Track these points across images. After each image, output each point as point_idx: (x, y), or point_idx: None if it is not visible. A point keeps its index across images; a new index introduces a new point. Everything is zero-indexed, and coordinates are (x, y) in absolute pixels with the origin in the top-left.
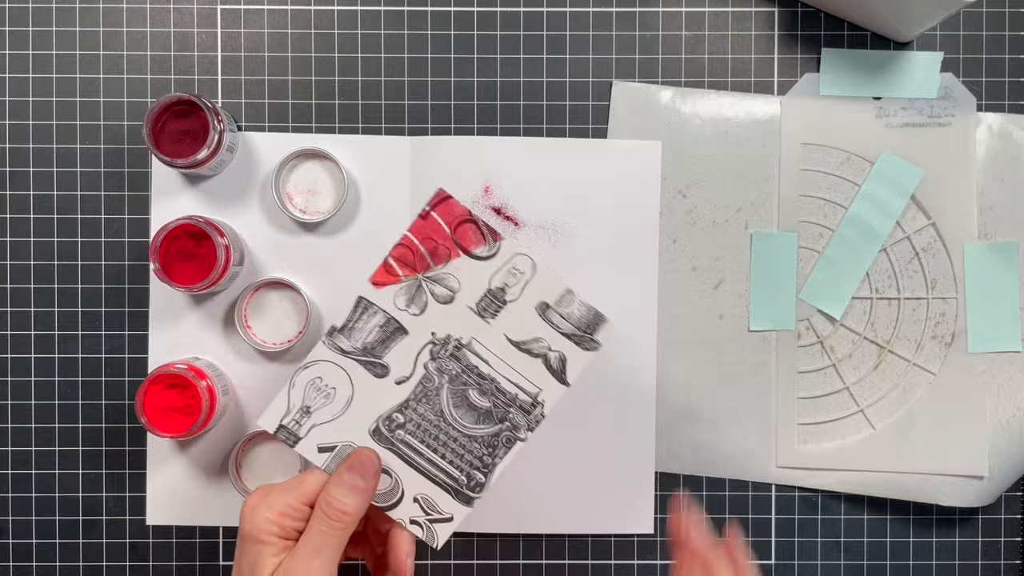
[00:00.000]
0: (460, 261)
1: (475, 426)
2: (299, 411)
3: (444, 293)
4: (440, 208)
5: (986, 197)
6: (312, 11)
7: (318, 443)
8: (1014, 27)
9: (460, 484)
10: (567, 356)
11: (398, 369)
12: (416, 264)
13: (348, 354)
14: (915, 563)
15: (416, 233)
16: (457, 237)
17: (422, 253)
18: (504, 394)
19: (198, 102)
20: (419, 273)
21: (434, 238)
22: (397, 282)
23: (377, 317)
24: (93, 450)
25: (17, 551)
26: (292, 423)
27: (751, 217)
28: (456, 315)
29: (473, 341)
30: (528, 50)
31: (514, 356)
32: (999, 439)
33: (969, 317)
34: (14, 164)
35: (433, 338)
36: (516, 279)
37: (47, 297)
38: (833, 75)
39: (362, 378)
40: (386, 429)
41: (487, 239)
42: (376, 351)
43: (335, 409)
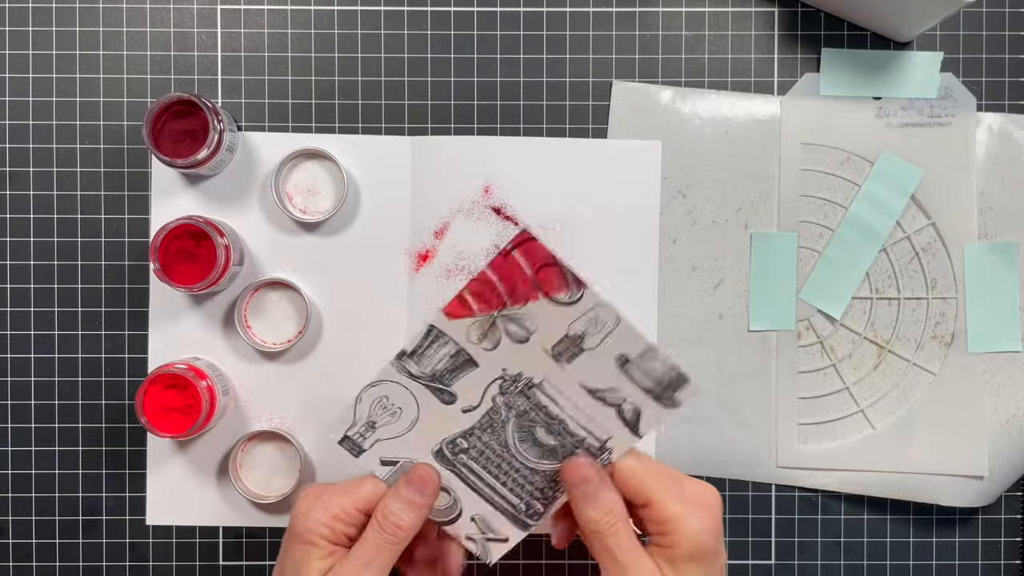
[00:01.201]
0: (540, 304)
1: (539, 461)
2: (364, 425)
3: (519, 332)
4: (522, 249)
5: (986, 197)
6: (312, 11)
7: (381, 456)
8: (1014, 27)
9: (518, 511)
10: (643, 410)
11: (465, 398)
12: (493, 301)
13: (416, 378)
14: (915, 563)
15: (496, 271)
16: (539, 280)
17: (500, 291)
18: (572, 435)
19: (198, 102)
20: (495, 310)
21: (514, 278)
22: (471, 316)
23: (448, 347)
24: (93, 450)
25: (17, 551)
26: (357, 435)
27: (751, 217)
28: (530, 355)
29: (545, 382)
30: (528, 50)
31: (586, 401)
32: (999, 439)
33: (969, 317)
34: (14, 164)
35: (504, 374)
36: (597, 328)
37: (47, 297)
38: (833, 75)
39: (428, 402)
40: (449, 452)
41: (570, 286)
42: (444, 379)
43: (399, 428)
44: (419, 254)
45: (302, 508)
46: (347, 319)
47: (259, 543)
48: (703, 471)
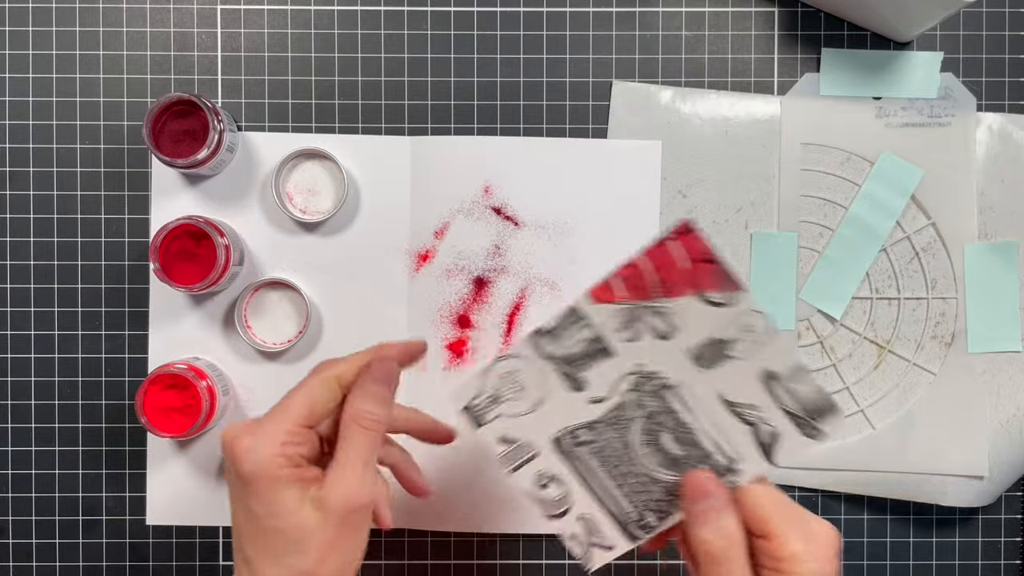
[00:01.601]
0: (689, 300)
1: (659, 470)
2: (488, 398)
3: (663, 328)
4: (683, 239)
5: (986, 197)
6: (312, 11)
7: (501, 434)
8: (1014, 27)
9: (629, 519)
10: (781, 435)
11: (595, 388)
12: (641, 290)
13: (549, 358)
14: (915, 563)
15: (651, 258)
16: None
17: (651, 280)
18: (699, 448)
19: (198, 102)
20: (642, 300)
21: (669, 268)
22: (616, 302)
23: (586, 332)
24: (93, 450)
25: (17, 551)
26: (479, 407)
27: (751, 217)
28: (669, 354)
29: (682, 385)
30: (528, 50)
31: (722, 415)
32: (999, 439)
33: (969, 317)
34: (14, 164)
35: (639, 369)
36: (747, 337)
37: (47, 297)
38: (833, 75)
39: (557, 385)
40: (569, 442)
41: (726, 285)
42: (577, 364)
43: (522, 407)
44: (419, 254)
45: (243, 447)
46: (347, 319)
47: None
48: None
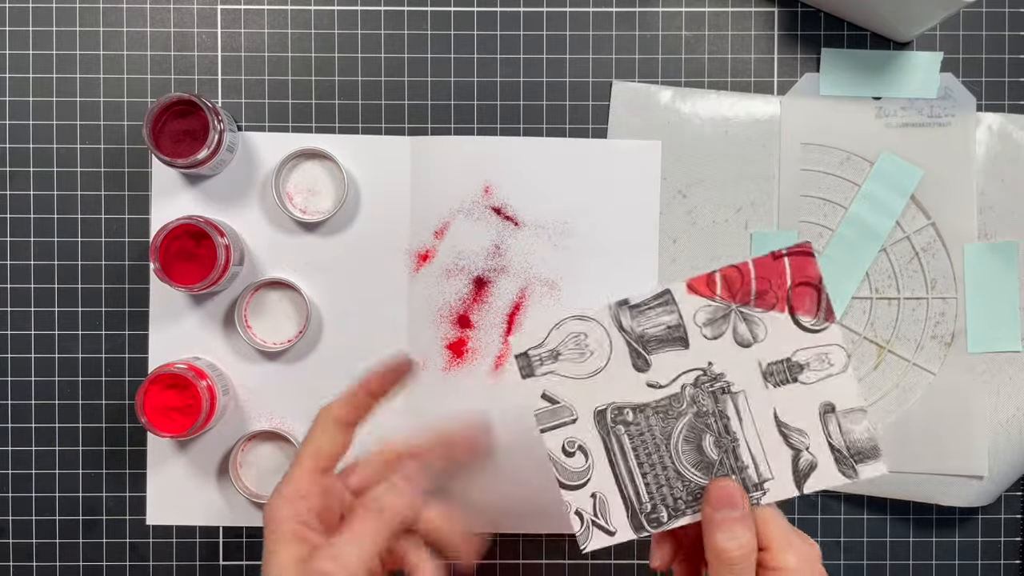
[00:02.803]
0: (780, 316)
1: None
2: (550, 351)
3: (745, 335)
4: (795, 258)
5: (986, 197)
6: (312, 11)
7: (546, 389)
8: (1014, 27)
9: (642, 510)
10: (818, 466)
11: (658, 374)
12: (738, 294)
13: (624, 332)
14: (915, 563)
15: (757, 267)
16: (793, 294)
17: (750, 287)
18: (737, 458)
19: (198, 102)
20: (736, 303)
21: (771, 281)
22: (710, 297)
23: (671, 317)
24: (93, 450)
25: (17, 551)
26: (537, 358)
27: (751, 217)
28: (742, 361)
29: (742, 394)
30: (528, 50)
31: (770, 432)
32: (999, 439)
33: (969, 317)
34: (14, 164)
35: (707, 367)
36: (821, 367)
37: (47, 297)
38: (833, 75)
39: (621, 359)
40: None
41: (820, 313)
42: (649, 346)
43: (580, 371)
44: (419, 254)
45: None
46: (347, 319)
47: (259, 543)
48: None
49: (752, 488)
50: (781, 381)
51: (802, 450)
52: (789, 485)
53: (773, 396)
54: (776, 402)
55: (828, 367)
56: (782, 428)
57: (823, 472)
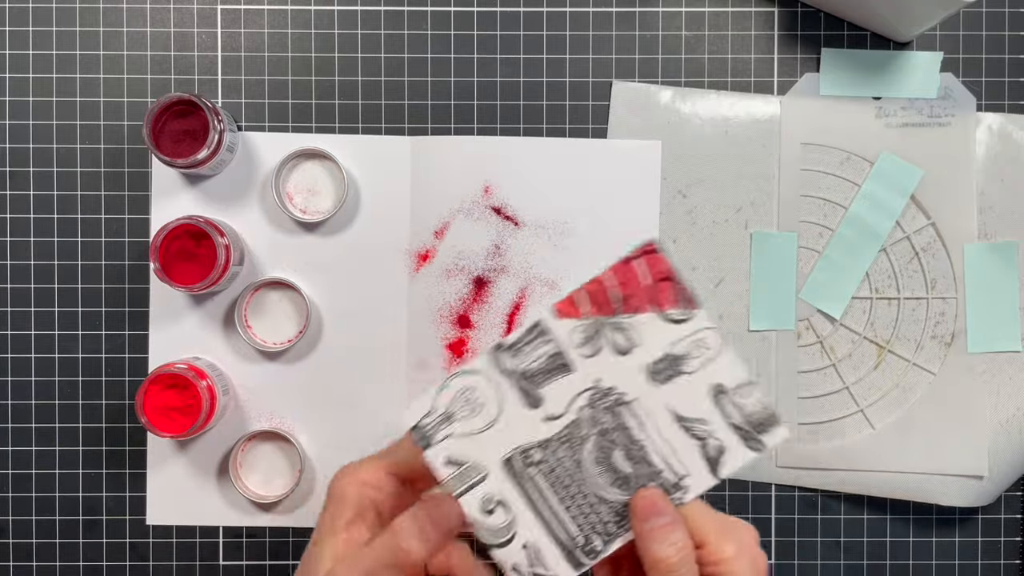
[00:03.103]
0: (649, 317)
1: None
2: (441, 416)
3: (623, 344)
4: (647, 258)
5: (986, 197)
6: (312, 11)
7: (448, 455)
8: (1014, 27)
9: (575, 544)
10: (727, 448)
11: (551, 405)
12: (604, 306)
13: (507, 374)
14: (915, 563)
15: (616, 275)
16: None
17: (614, 297)
18: (650, 465)
19: (198, 102)
20: (604, 316)
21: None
22: (579, 317)
23: (548, 347)
24: (93, 450)
25: (17, 551)
26: (430, 426)
27: (751, 217)
28: (627, 370)
29: (636, 401)
30: (528, 50)
31: (672, 430)
32: (999, 439)
33: (969, 317)
34: (14, 164)
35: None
36: (700, 353)
37: (47, 297)
38: (833, 75)
39: (513, 403)
40: (520, 462)
41: (683, 303)
42: (536, 380)
43: (476, 425)
44: (419, 254)
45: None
46: (347, 319)
47: (259, 543)
48: None
49: (672, 489)
50: (668, 377)
51: (707, 438)
52: (705, 475)
53: (665, 394)
54: (669, 399)
55: (706, 351)
56: (682, 422)
57: (732, 453)
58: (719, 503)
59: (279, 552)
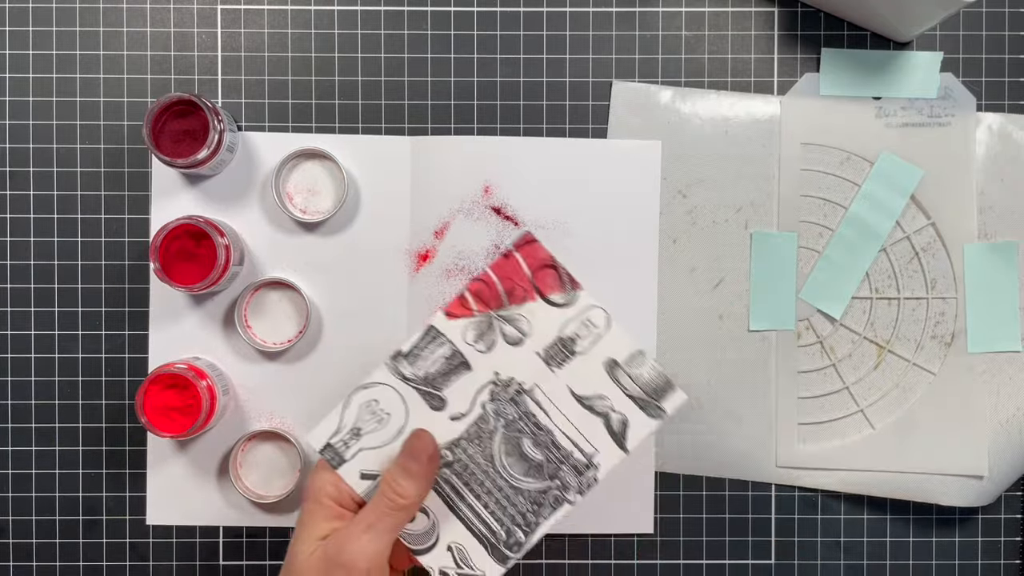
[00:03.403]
0: (535, 305)
1: (524, 478)
2: (349, 432)
3: (514, 334)
4: (524, 250)
5: (986, 197)
6: (312, 11)
7: (362, 469)
8: (1014, 27)
9: (498, 539)
10: (629, 420)
11: (455, 404)
12: (491, 301)
13: (408, 381)
14: (915, 563)
15: (496, 271)
16: (536, 280)
17: (499, 291)
18: (559, 449)
19: (198, 102)
20: (493, 310)
21: (513, 278)
22: (470, 316)
23: (444, 348)
24: (93, 450)
25: (17, 551)
26: (340, 444)
27: (751, 217)
28: (523, 359)
29: (536, 388)
30: (528, 50)
31: (575, 410)
32: (999, 439)
33: (969, 317)
34: (14, 164)
35: (496, 378)
36: (588, 331)
37: (47, 297)
38: (833, 75)
39: (418, 408)
40: None
41: (566, 286)
42: (437, 383)
43: (385, 436)
44: (419, 254)
45: (315, 469)
46: (347, 319)
47: (259, 543)
48: (703, 471)
49: (584, 469)
50: (562, 360)
51: (609, 412)
52: (614, 450)
53: (562, 376)
54: (567, 380)
55: (594, 328)
56: (583, 401)
57: (636, 424)
58: (720, 504)
59: (279, 552)
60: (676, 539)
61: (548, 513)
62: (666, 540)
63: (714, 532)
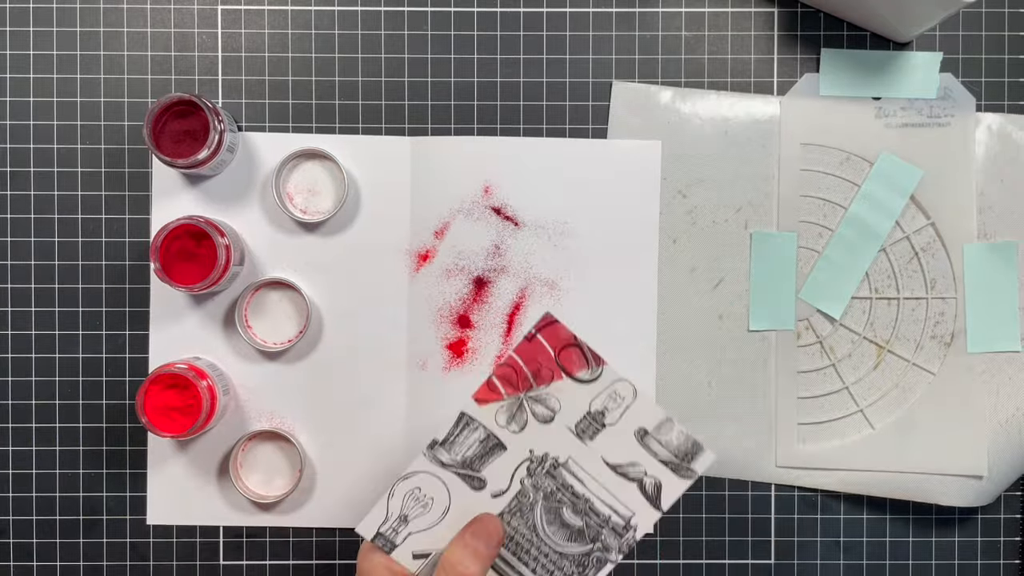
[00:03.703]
0: (562, 383)
1: (567, 543)
2: (397, 519)
3: (545, 413)
4: (546, 331)
5: (985, 197)
6: (312, 11)
7: (413, 550)
8: (1014, 27)
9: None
10: (663, 482)
11: (495, 483)
12: (519, 384)
13: (447, 467)
14: (915, 563)
15: (521, 354)
16: (561, 360)
17: (526, 374)
18: (598, 515)
19: (198, 102)
20: (521, 393)
21: (538, 360)
22: (499, 400)
23: (478, 432)
24: (93, 450)
25: (17, 551)
26: (390, 531)
27: (751, 217)
28: (555, 434)
29: (570, 460)
30: (528, 50)
31: (610, 478)
32: (999, 439)
33: (968, 317)
34: (14, 164)
35: (531, 455)
36: (616, 403)
37: (47, 297)
38: (833, 75)
39: (460, 490)
40: None
41: (590, 363)
42: (474, 465)
43: (432, 519)
44: (419, 254)
45: (365, 548)
46: (347, 319)
47: (259, 543)
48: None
49: (623, 531)
50: (594, 433)
51: (642, 478)
52: (650, 511)
53: (595, 448)
54: (600, 451)
55: (622, 400)
56: (617, 470)
57: (669, 485)
58: (720, 504)
59: (279, 552)
60: (676, 539)
61: (593, 573)
62: (666, 540)
63: (714, 532)
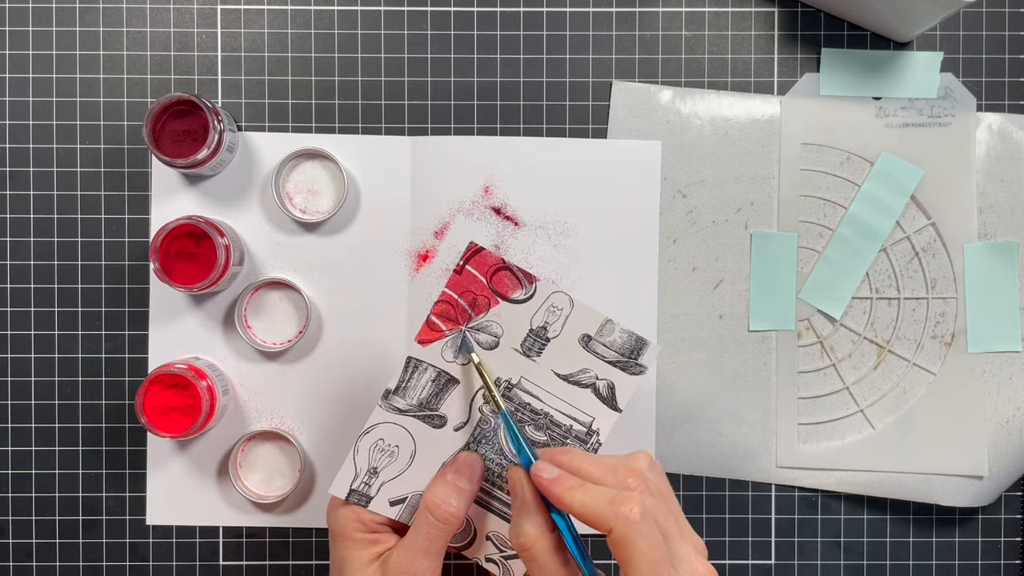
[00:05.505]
0: (500, 307)
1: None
2: (367, 473)
3: (489, 340)
4: (474, 261)
5: (986, 197)
6: (312, 11)
7: (389, 498)
8: (1014, 27)
9: None
10: (615, 383)
11: (455, 417)
12: (458, 317)
13: (405, 412)
14: (915, 563)
15: (454, 288)
16: (494, 285)
17: (462, 306)
18: (559, 426)
19: (198, 102)
20: (462, 325)
21: (472, 290)
22: (442, 337)
23: (428, 373)
24: (93, 450)
25: (17, 551)
26: (362, 486)
27: (751, 217)
28: (503, 358)
29: (522, 380)
30: (528, 50)
31: (564, 389)
32: (999, 439)
33: (969, 317)
34: (14, 164)
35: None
36: (556, 316)
37: (47, 297)
38: (833, 75)
39: (422, 432)
40: None
41: (522, 283)
42: (431, 404)
43: (400, 465)
44: (419, 254)
45: (331, 508)
46: (347, 319)
47: (259, 543)
48: (703, 471)
49: (587, 436)
50: (540, 349)
51: (595, 382)
52: (608, 413)
53: (543, 363)
54: (549, 365)
55: (560, 311)
56: (569, 379)
57: (622, 384)
58: (720, 503)
59: (279, 552)
60: None
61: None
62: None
63: (714, 532)
